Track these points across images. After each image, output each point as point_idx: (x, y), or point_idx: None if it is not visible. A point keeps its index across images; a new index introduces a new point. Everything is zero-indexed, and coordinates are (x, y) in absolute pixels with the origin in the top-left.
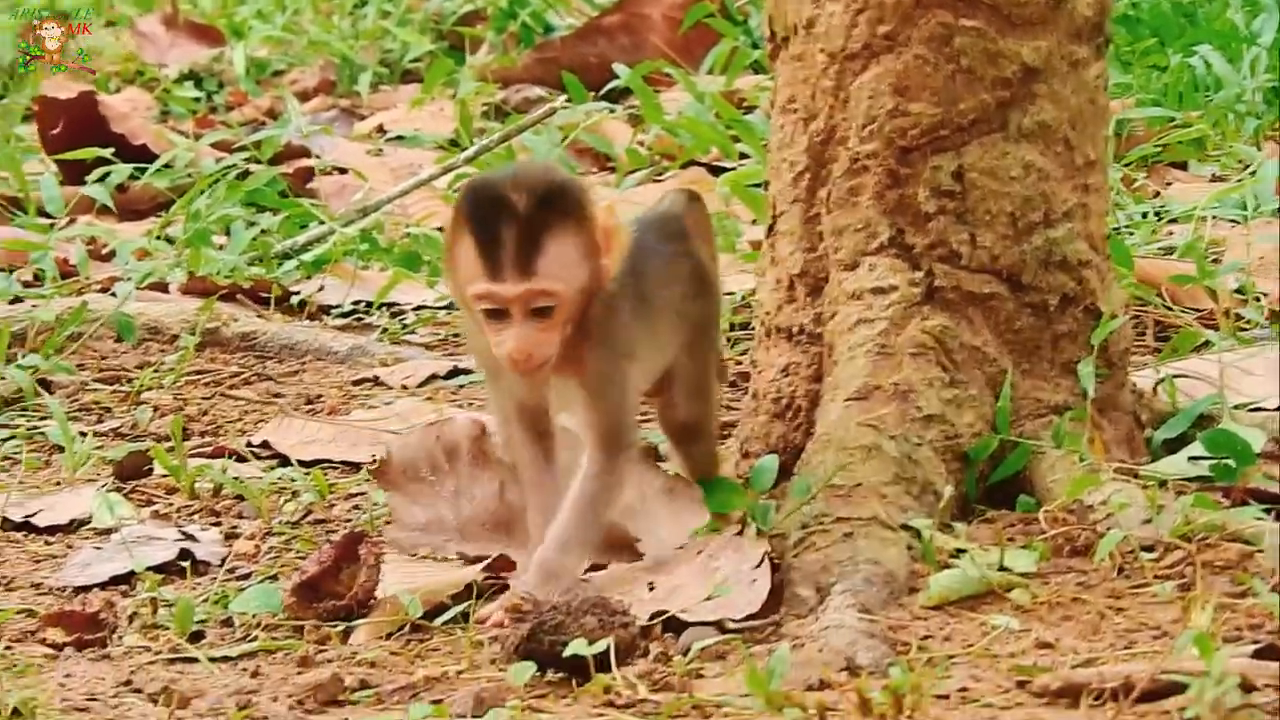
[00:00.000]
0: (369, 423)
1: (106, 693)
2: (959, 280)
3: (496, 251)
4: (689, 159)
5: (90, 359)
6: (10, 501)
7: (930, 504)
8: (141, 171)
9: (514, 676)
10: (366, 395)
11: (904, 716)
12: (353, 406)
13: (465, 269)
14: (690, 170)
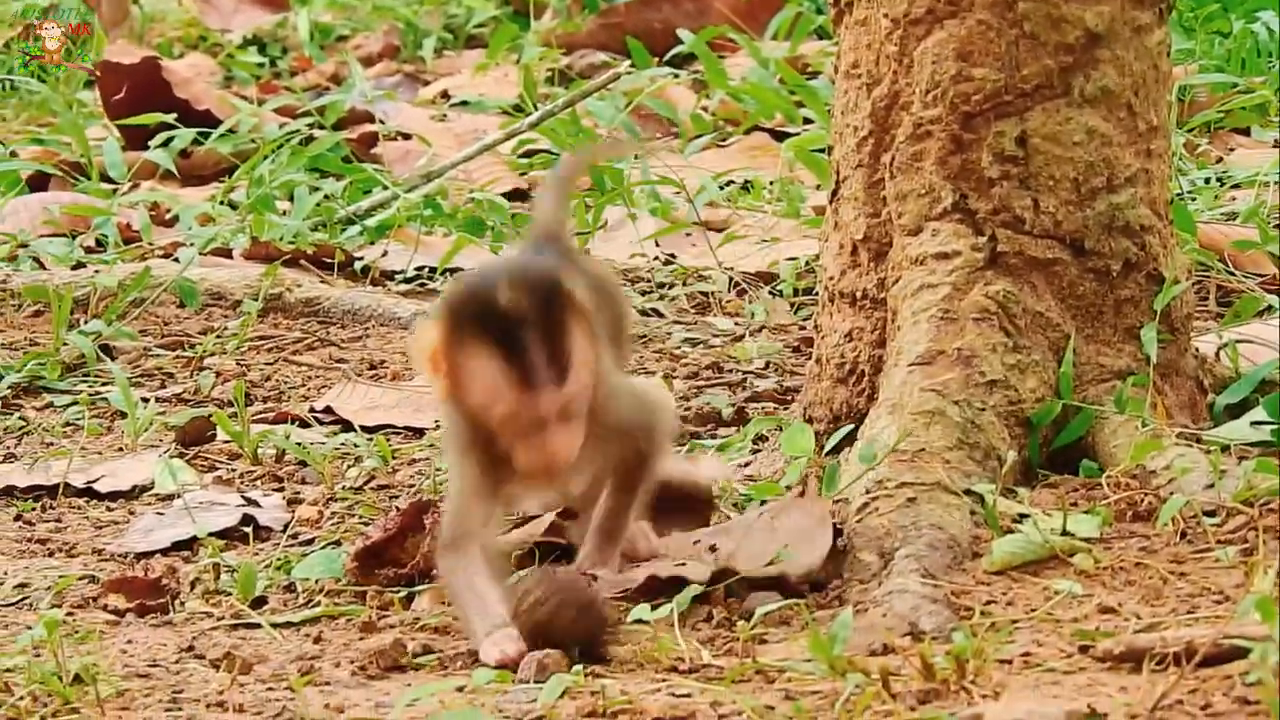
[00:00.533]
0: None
1: (168, 659)
2: (1022, 245)
3: (524, 366)
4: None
5: (153, 325)
6: (73, 467)
7: (993, 469)
8: (205, 137)
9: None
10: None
11: (967, 681)
12: (416, 372)
13: (482, 388)
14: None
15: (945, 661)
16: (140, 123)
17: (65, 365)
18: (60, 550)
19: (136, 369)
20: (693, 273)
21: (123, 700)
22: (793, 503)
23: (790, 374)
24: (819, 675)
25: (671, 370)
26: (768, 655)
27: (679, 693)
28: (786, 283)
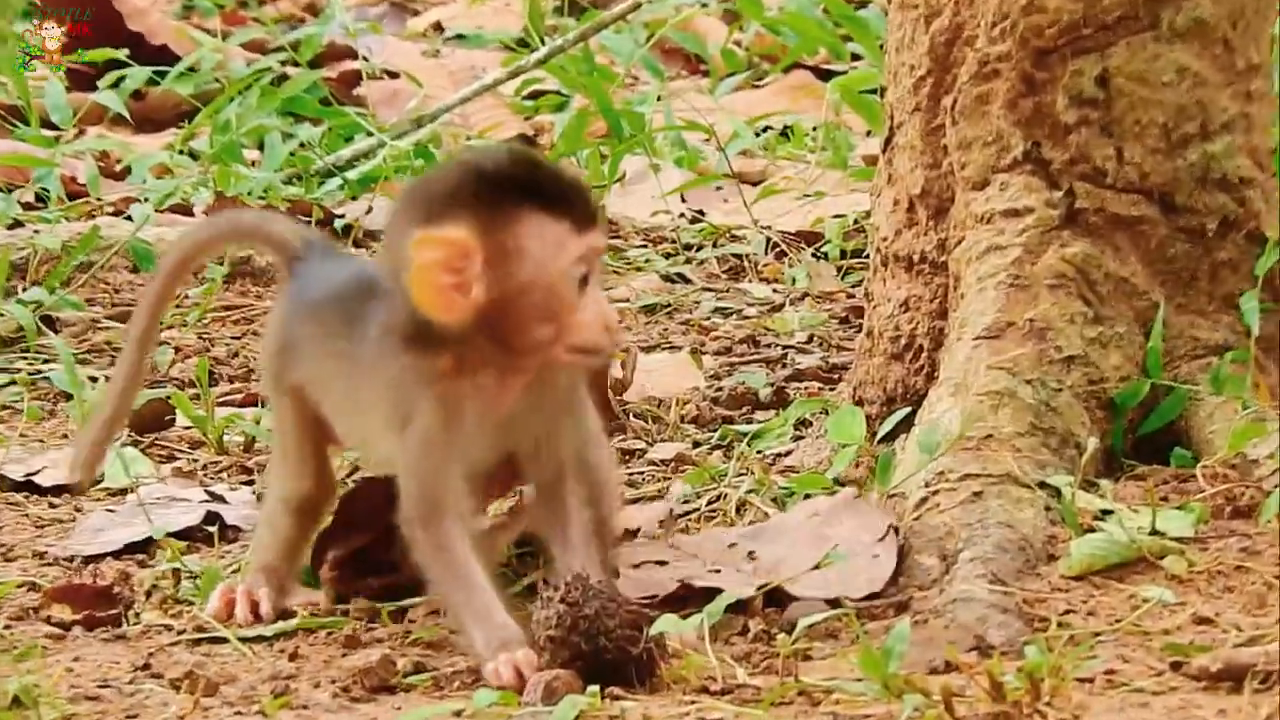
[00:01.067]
0: None
1: (121, 678)
2: (1103, 201)
3: (572, 204)
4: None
5: (102, 293)
6: (10, 457)
7: (1071, 458)
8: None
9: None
10: None
11: (1041, 703)
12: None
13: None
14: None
15: (1017, 680)
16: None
17: (1, 339)
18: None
19: (83, 344)
20: (724, 232)
21: None
22: (845, 506)
23: (837, 349)
24: (871, 696)
25: (700, 344)
26: (812, 674)
27: (710, 717)
28: (832, 244)
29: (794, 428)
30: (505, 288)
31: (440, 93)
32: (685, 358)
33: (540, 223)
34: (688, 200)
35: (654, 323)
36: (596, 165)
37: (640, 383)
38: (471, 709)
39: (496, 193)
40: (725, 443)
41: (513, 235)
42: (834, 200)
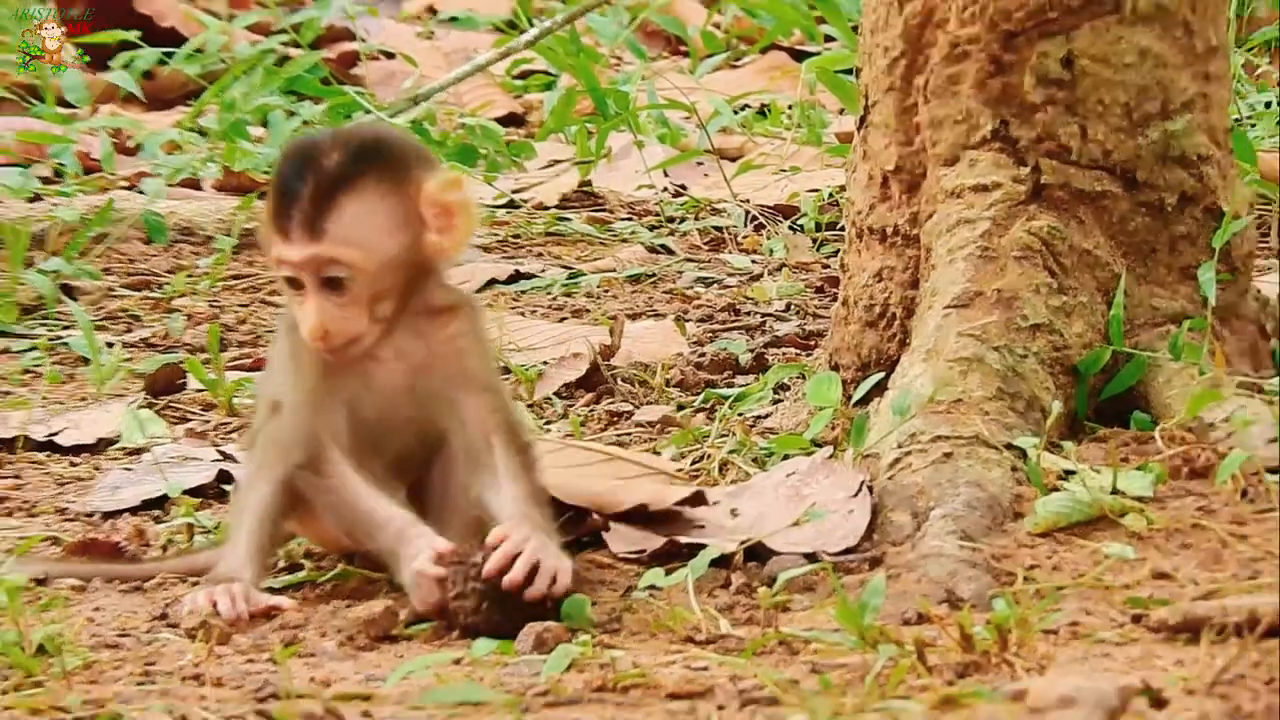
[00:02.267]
0: None
1: (139, 627)
2: (1068, 177)
3: (289, 210)
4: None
5: (117, 262)
6: (32, 419)
7: (1037, 421)
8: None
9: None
10: None
11: (1009, 653)
12: None
13: (265, 232)
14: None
15: (985, 632)
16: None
17: (22, 307)
18: (20, 509)
19: (100, 311)
20: (705, 206)
21: (90, 673)
22: (822, 466)
23: (813, 317)
24: (848, 646)
25: (684, 313)
26: (791, 624)
27: (695, 665)
28: (808, 217)
29: (773, 391)
30: None
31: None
32: (669, 325)
33: (268, 214)
34: (670, 175)
35: (639, 292)
36: (583, 141)
37: (627, 349)
38: (470, 656)
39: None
40: (708, 405)
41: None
42: (809, 175)
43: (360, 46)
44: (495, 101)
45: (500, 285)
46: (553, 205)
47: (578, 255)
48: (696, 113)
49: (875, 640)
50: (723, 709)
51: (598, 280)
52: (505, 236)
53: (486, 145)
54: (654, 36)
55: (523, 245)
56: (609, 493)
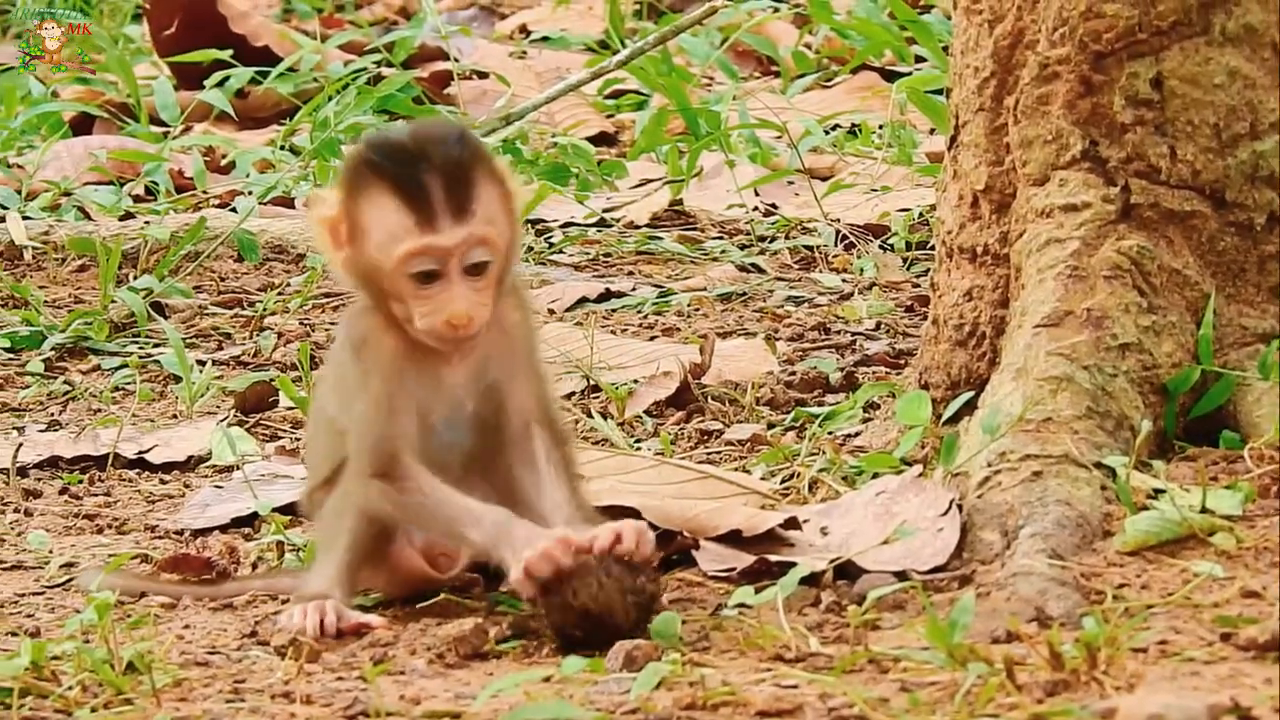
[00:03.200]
0: None
1: (229, 645)
2: (1157, 197)
3: (430, 199)
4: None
5: (208, 280)
6: (123, 436)
7: (1126, 440)
8: (264, 75)
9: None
10: None
11: (1098, 672)
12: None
13: (383, 232)
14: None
15: (1075, 650)
16: (193, 60)
17: (114, 325)
18: (110, 527)
19: (191, 329)
20: (796, 225)
21: (180, 690)
22: (912, 484)
23: (903, 336)
24: (937, 665)
25: (774, 331)
26: (881, 643)
27: (785, 684)
28: (898, 236)
29: (863, 410)
30: (359, 260)
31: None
32: (760, 343)
33: (384, 209)
34: (761, 194)
35: (730, 310)
36: (675, 161)
37: (717, 367)
38: (560, 674)
39: (367, 172)
40: (798, 424)
41: (362, 213)
42: (900, 195)
43: (453, 66)
44: (587, 121)
45: (591, 304)
46: (644, 224)
47: (668, 274)
48: (788, 132)
49: (965, 658)
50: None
51: (688, 299)
52: (596, 255)
53: (578, 164)
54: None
55: (614, 264)
56: (703, 517)
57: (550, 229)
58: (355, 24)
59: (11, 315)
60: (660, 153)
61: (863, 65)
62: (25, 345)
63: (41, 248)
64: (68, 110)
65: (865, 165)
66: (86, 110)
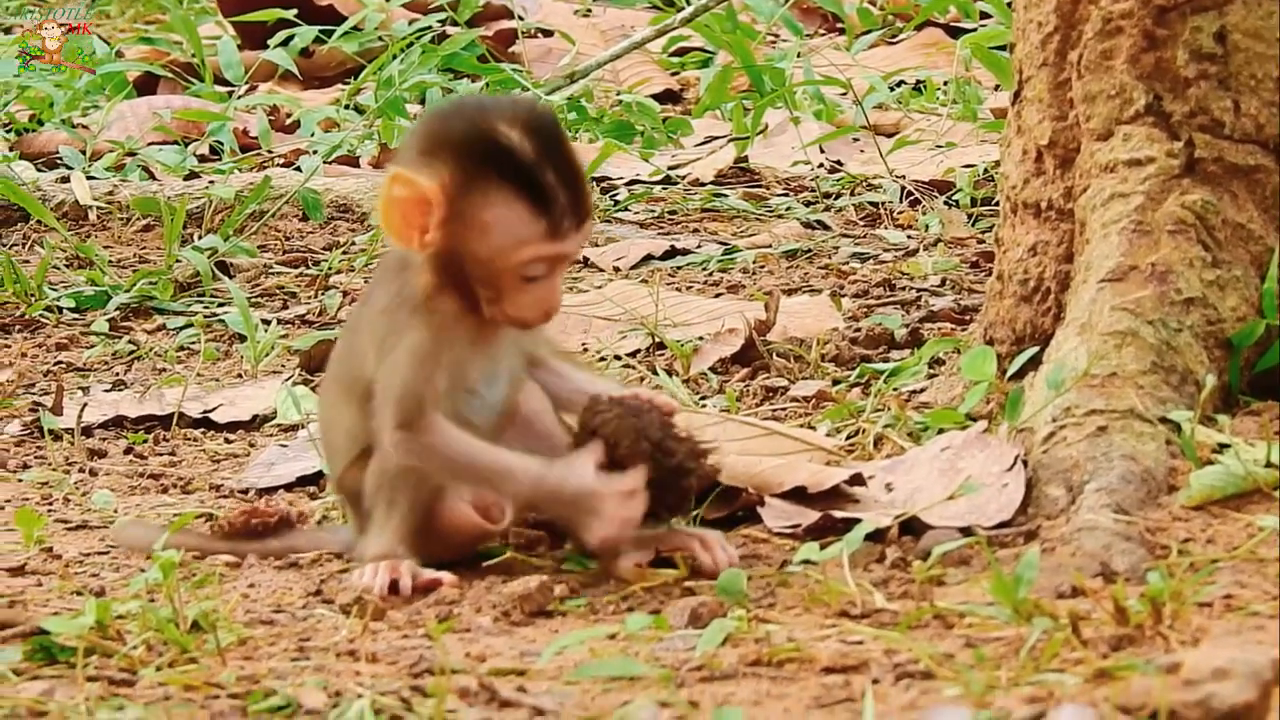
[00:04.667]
0: (579, 307)
1: (294, 604)
2: (1221, 151)
3: (556, 207)
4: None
5: (273, 240)
6: (188, 396)
7: (1191, 395)
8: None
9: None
10: (575, 277)
11: (1163, 626)
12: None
13: (507, 234)
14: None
15: (1140, 605)
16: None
17: (178, 284)
18: (175, 486)
19: (256, 288)
20: (861, 181)
21: (245, 649)
22: (977, 440)
23: (968, 292)
24: (1002, 620)
25: (839, 287)
26: (946, 598)
27: (850, 639)
28: (963, 192)
29: (928, 366)
30: (456, 246)
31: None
32: (825, 300)
33: (512, 211)
34: (826, 151)
35: (795, 267)
36: (740, 118)
37: (783, 324)
38: (624, 632)
39: (483, 160)
40: (863, 380)
41: (482, 209)
42: (964, 151)
43: (518, 24)
44: (652, 79)
45: (656, 261)
46: (709, 181)
47: (733, 231)
48: (852, 89)
49: (1030, 614)
50: (877, 683)
51: (753, 256)
52: (661, 213)
53: (643, 122)
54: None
55: (679, 221)
56: (768, 473)
57: (615, 187)
58: None
59: (77, 275)
60: (725, 110)
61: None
62: (90, 305)
63: (106, 208)
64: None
65: (930, 121)
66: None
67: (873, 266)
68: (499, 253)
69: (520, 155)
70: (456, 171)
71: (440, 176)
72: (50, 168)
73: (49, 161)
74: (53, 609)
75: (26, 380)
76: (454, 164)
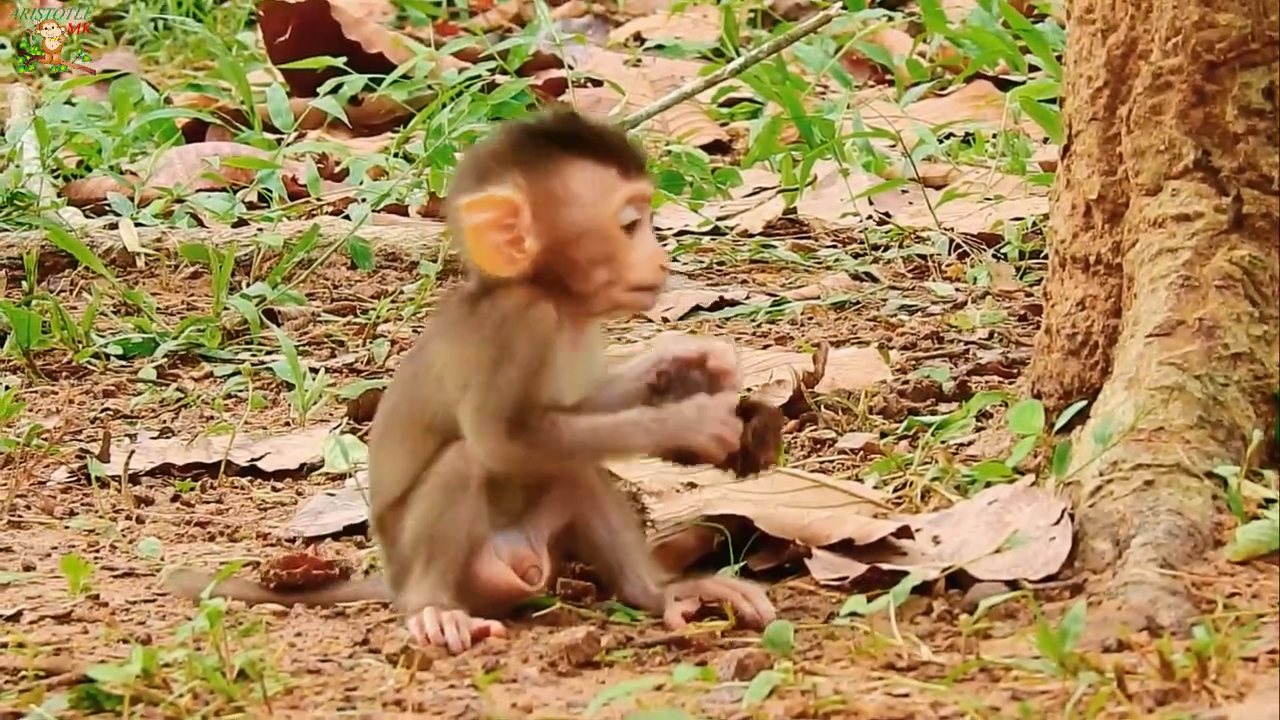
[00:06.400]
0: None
1: (341, 653)
2: (1270, 206)
3: (619, 153)
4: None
5: (321, 288)
6: (235, 444)
7: (1237, 449)
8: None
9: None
10: (624, 328)
11: (1209, 681)
12: (609, 340)
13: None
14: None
15: (1186, 659)
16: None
17: (226, 332)
18: (222, 534)
19: (304, 336)
20: (909, 233)
21: (292, 698)
22: (1024, 493)
23: (1016, 345)
24: (1048, 674)
25: (887, 340)
26: (992, 652)
27: (896, 692)
28: (1011, 245)
29: (975, 419)
30: (557, 235)
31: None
32: (873, 352)
33: (585, 170)
34: (875, 203)
35: (843, 319)
36: (789, 170)
37: (831, 376)
38: (671, 683)
39: (539, 147)
40: (911, 433)
41: (559, 183)
42: (1013, 204)
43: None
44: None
45: (705, 312)
46: (757, 232)
47: (782, 282)
48: (901, 141)
49: (1076, 667)
50: None
51: (802, 307)
52: (710, 263)
53: (692, 172)
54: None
55: (728, 272)
56: (815, 525)
57: (665, 237)
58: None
59: (124, 322)
60: (774, 161)
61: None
62: (138, 352)
63: (154, 254)
64: (181, 117)
65: (979, 174)
66: (199, 117)
67: (921, 319)
68: (595, 212)
69: (569, 127)
70: (523, 169)
71: (512, 181)
72: (98, 214)
73: (97, 208)
74: (99, 657)
75: (74, 427)
76: (518, 165)
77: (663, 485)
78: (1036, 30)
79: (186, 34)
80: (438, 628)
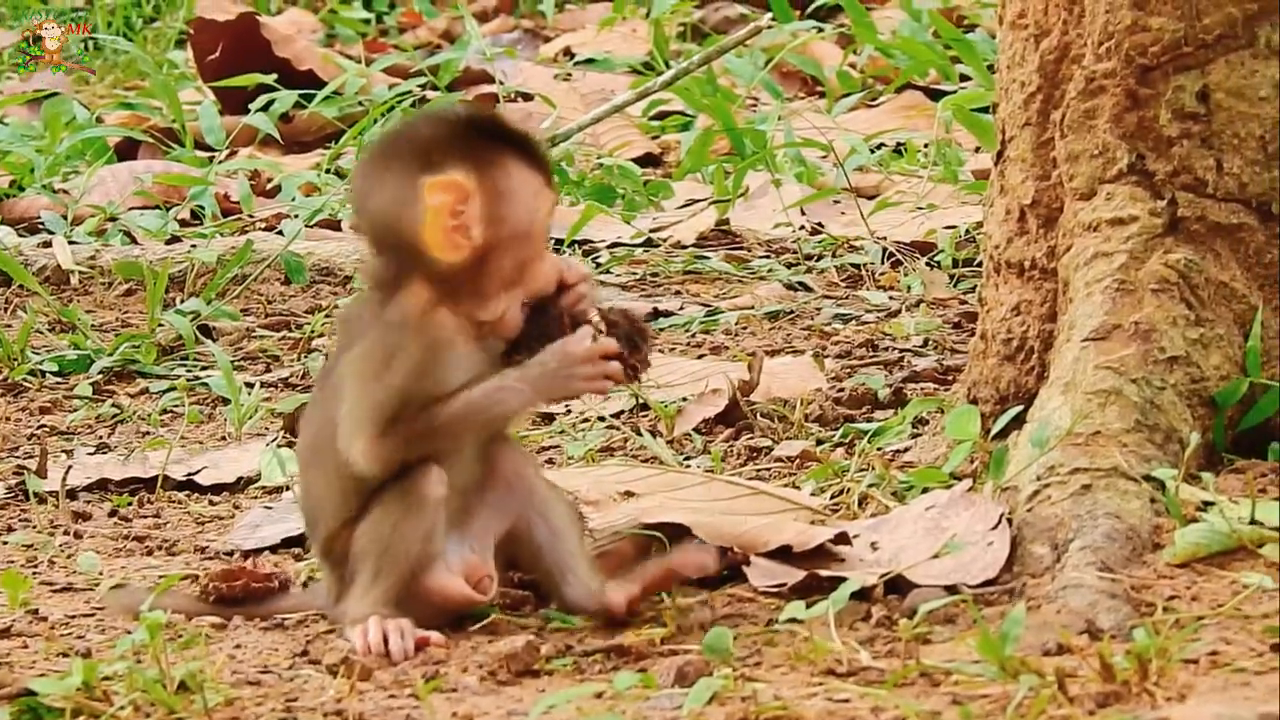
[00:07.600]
0: None
1: (281, 664)
2: (1204, 210)
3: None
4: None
5: (256, 303)
6: (172, 459)
7: (1175, 453)
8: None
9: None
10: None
11: (1149, 683)
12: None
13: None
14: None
15: (1126, 662)
16: (238, 84)
17: (161, 348)
18: (160, 548)
19: (239, 351)
20: (843, 243)
21: (232, 709)
22: (962, 499)
23: (951, 351)
24: (988, 677)
25: (822, 348)
26: (932, 656)
27: (837, 697)
28: (945, 253)
29: (912, 426)
30: (497, 230)
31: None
32: (808, 361)
33: (523, 170)
34: (808, 213)
35: (778, 328)
36: (721, 181)
37: (766, 384)
38: (611, 690)
39: (488, 141)
40: (847, 440)
41: (504, 178)
42: (946, 212)
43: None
44: (633, 142)
45: None
46: (690, 244)
47: (716, 293)
48: (833, 151)
49: (1016, 671)
50: None
51: (736, 317)
52: (644, 275)
53: (624, 185)
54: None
55: (661, 283)
56: (753, 533)
57: (597, 249)
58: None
59: (59, 339)
60: (706, 173)
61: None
62: (73, 369)
63: (88, 272)
64: (112, 135)
65: (911, 183)
66: (131, 135)
67: (855, 327)
68: (528, 212)
69: (505, 127)
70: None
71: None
72: (32, 233)
73: (30, 226)
74: (39, 670)
75: (10, 444)
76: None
77: (599, 495)
78: (967, 40)
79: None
80: (381, 636)
